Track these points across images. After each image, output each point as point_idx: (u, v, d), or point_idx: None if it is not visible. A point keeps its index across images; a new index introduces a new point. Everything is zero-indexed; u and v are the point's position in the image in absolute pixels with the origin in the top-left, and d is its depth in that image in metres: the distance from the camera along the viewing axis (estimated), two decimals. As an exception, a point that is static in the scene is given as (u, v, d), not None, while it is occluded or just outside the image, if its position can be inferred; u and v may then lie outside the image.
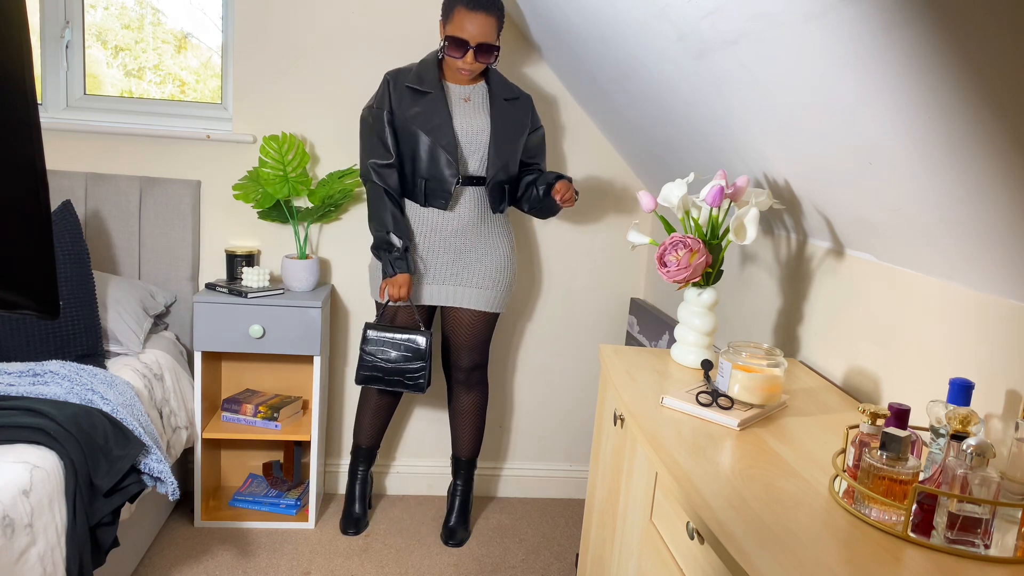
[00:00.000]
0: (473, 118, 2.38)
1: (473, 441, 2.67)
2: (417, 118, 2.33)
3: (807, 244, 1.82)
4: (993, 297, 1.21)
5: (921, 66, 0.95)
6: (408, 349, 2.38)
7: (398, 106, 2.36)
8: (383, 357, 2.39)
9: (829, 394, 1.57)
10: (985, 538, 0.94)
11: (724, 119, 1.71)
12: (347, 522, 2.64)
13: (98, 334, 2.27)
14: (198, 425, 2.52)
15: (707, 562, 1.03)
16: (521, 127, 2.44)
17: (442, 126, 2.33)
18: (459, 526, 2.67)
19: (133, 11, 2.78)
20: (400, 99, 2.36)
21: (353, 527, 2.63)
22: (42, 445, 1.70)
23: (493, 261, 2.47)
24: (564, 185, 2.32)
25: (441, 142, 2.32)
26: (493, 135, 2.38)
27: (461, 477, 2.71)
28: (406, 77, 2.38)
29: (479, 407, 2.65)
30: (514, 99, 2.44)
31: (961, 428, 0.99)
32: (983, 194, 1.04)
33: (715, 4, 1.32)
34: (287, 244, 2.77)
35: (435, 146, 2.33)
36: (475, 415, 2.65)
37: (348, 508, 2.67)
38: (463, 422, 2.66)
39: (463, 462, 2.70)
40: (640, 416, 1.35)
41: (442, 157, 2.33)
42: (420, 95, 2.35)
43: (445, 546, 2.61)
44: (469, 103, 2.40)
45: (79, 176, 2.59)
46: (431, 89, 2.35)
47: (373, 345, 2.39)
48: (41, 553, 1.56)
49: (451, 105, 2.38)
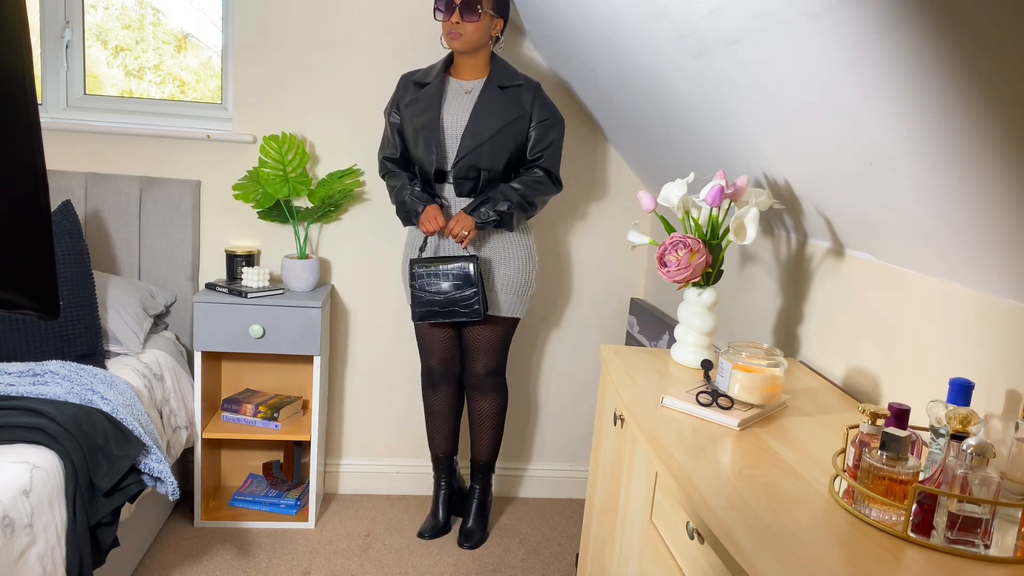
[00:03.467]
0: (462, 110, 2.37)
1: (490, 446, 2.67)
2: (409, 107, 2.39)
3: (807, 244, 1.82)
4: (993, 297, 1.21)
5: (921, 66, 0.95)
6: (458, 277, 2.33)
7: (402, 100, 2.42)
8: (434, 290, 2.34)
9: (829, 394, 1.57)
10: (985, 538, 0.94)
11: (724, 119, 1.70)
12: (424, 525, 2.70)
13: (98, 334, 2.27)
14: (198, 425, 2.52)
15: (707, 562, 1.03)
16: (512, 115, 2.34)
17: (427, 113, 2.35)
18: (477, 527, 2.67)
19: (133, 11, 2.78)
20: (404, 94, 2.42)
21: (430, 532, 2.67)
22: (42, 445, 1.71)
23: (507, 265, 2.44)
24: (453, 221, 2.30)
25: (423, 131, 2.34)
26: (469, 122, 2.34)
27: (479, 480, 2.71)
28: (414, 74, 2.44)
29: (495, 412, 2.64)
30: (514, 87, 2.37)
31: (961, 428, 0.99)
32: (983, 194, 1.04)
33: (715, 4, 1.32)
34: (287, 244, 2.77)
35: (417, 133, 2.36)
36: (491, 420, 2.64)
37: (432, 513, 2.72)
38: (479, 427, 2.66)
39: (480, 465, 2.70)
40: (640, 416, 1.35)
41: (421, 143, 2.36)
42: (421, 88, 2.40)
43: (459, 548, 2.62)
44: (469, 95, 2.39)
45: (79, 176, 2.59)
46: (431, 81, 2.39)
47: (422, 280, 2.34)
48: (41, 553, 1.56)
49: (446, 97, 2.39)
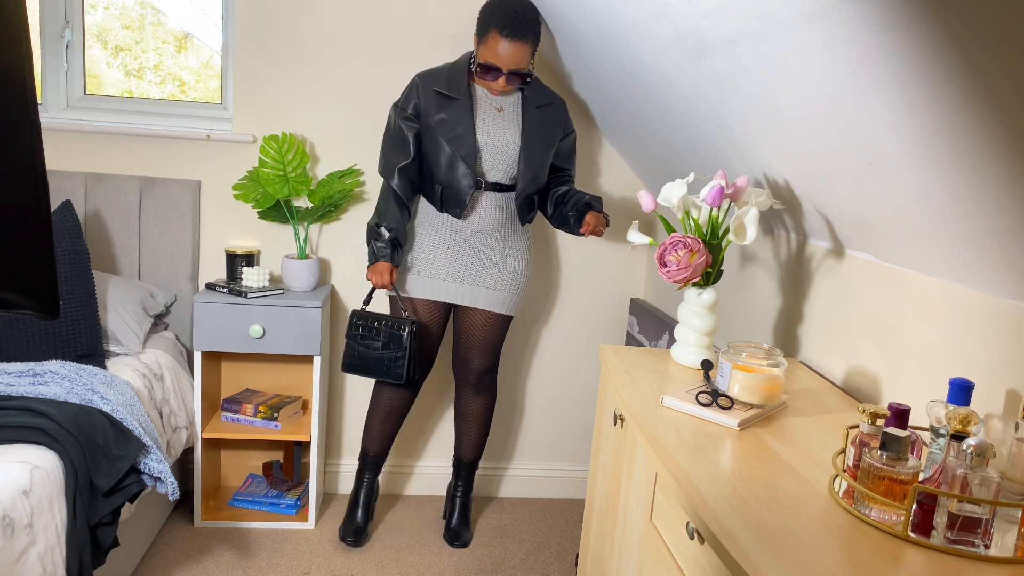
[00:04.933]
0: (503, 128, 2.34)
1: (478, 445, 2.67)
2: (441, 125, 2.29)
3: (807, 244, 1.82)
4: (993, 297, 1.21)
5: (921, 66, 0.95)
6: (393, 339, 2.33)
7: (425, 109, 2.31)
8: (368, 344, 2.35)
9: (829, 394, 1.57)
10: (985, 538, 0.94)
11: (724, 119, 1.71)
12: (346, 529, 2.55)
13: (98, 334, 2.27)
14: (198, 425, 2.52)
15: (707, 562, 1.03)
16: (553, 135, 2.39)
17: (464, 136, 2.28)
18: (462, 527, 2.66)
19: (133, 11, 2.78)
20: (427, 103, 2.31)
21: (352, 536, 2.53)
22: (42, 445, 1.70)
23: (511, 265, 2.45)
24: (594, 219, 2.25)
25: (460, 152, 2.28)
26: (524, 146, 2.33)
27: (463, 479, 2.70)
28: (436, 81, 2.32)
29: (486, 411, 2.64)
30: (547, 105, 2.38)
31: (961, 428, 0.99)
32: (983, 194, 1.04)
33: (715, 4, 1.32)
34: (287, 244, 2.77)
35: (454, 156, 2.28)
36: (482, 419, 2.64)
37: (350, 515, 2.57)
38: (469, 425, 2.64)
39: (465, 463, 2.69)
40: (640, 416, 1.35)
41: (460, 167, 2.29)
42: (447, 100, 2.30)
43: (450, 547, 2.61)
44: (502, 113, 2.35)
45: (79, 176, 2.59)
46: (458, 95, 2.30)
47: (358, 332, 2.36)
48: (41, 553, 1.56)
49: (478, 113, 2.33)
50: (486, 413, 2.64)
